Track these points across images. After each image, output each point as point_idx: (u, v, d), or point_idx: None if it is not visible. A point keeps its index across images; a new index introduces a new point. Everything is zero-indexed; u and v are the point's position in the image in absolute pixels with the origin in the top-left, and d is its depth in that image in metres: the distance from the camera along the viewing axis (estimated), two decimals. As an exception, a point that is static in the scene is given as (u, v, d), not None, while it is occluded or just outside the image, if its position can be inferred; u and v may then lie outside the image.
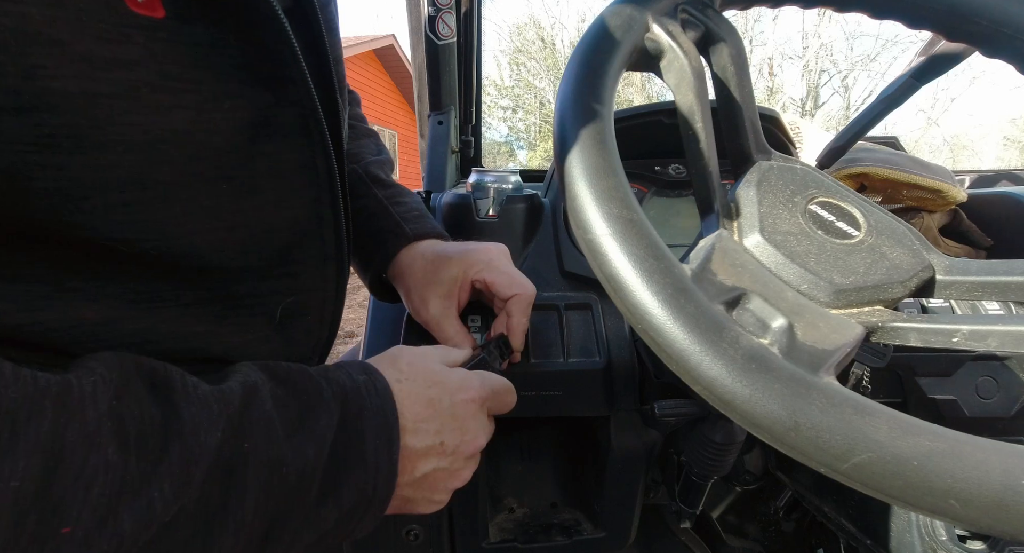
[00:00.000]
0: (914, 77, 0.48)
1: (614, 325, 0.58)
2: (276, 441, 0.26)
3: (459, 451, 0.35)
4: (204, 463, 0.24)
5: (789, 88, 12.89)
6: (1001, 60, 0.38)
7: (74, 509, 0.20)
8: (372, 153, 0.56)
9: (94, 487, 0.20)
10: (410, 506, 0.34)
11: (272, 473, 0.26)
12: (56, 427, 0.20)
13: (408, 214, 0.51)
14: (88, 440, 0.21)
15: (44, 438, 0.20)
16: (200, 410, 0.25)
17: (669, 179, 0.74)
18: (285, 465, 0.26)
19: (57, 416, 0.20)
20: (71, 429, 0.20)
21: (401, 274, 0.49)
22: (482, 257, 0.46)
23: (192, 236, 0.30)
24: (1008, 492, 0.19)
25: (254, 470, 0.25)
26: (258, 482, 0.25)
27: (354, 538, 0.31)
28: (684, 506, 0.59)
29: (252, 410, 0.27)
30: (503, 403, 0.39)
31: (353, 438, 0.29)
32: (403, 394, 0.33)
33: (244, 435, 0.25)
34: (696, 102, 0.34)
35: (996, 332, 0.26)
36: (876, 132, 0.67)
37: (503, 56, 14.24)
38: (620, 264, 0.26)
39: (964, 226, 0.69)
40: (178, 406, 0.24)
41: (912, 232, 0.33)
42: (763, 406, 0.22)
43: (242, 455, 0.25)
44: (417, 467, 0.33)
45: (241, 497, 0.25)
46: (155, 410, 0.24)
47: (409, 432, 0.32)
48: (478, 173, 0.65)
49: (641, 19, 0.33)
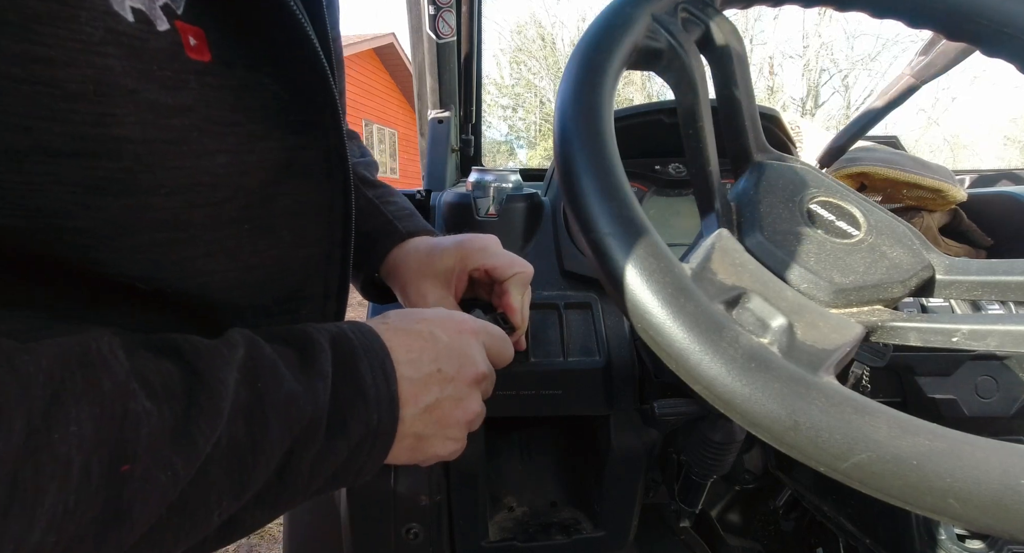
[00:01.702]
0: (914, 76, 0.48)
1: (614, 324, 0.58)
2: (285, 379, 0.27)
3: (460, 377, 0.35)
4: (227, 403, 0.25)
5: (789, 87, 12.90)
6: (1002, 59, 0.38)
7: (129, 448, 0.21)
8: (357, 155, 0.56)
9: (141, 428, 0.21)
10: (427, 445, 0.34)
11: (287, 408, 0.27)
12: (90, 380, 0.21)
13: (399, 212, 0.51)
14: (122, 389, 0.22)
15: (83, 390, 0.21)
16: (210, 358, 0.26)
17: (669, 178, 0.74)
18: (297, 400, 0.27)
19: (87, 372, 0.21)
20: (105, 381, 0.21)
21: (395, 270, 0.48)
22: (477, 245, 0.46)
23: (209, 276, 0.30)
24: (1007, 491, 0.19)
25: (271, 407, 0.26)
26: (276, 418, 0.26)
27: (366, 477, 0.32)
28: (684, 505, 0.59)
29: (256, 355, 0.27)
30: (500, 350, 0.39)
31: (351, 374, 0.30)
32: (389, 332, 0.33)
33: (255, 376, 0.26)
34: (696, 101, 0.33)
35: (996, 332, 0.26)
36: (876, 131, 0.67)
37: (503, 55, 14.24)
38: (620, 263, 0.26)
39: (964, 226, 0.69)
40: (188, 358, 0.25)
41: (912, 231, 0.33)
42: (763, 405, 0.22)
43: (258, 394, 0.26)
44: (419, 397, 0.33)
45: (264, 433, 0.26)
46: (168, 365, 0.24)
47: (403, 363, 0.32)
48: (478, 172, 0.65)
49: (641, 18, 0.33)
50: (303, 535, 0.67)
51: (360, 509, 0.55)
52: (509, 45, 14.01)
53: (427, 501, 0.56)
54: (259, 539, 1.64)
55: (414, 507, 0.56)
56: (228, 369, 0.25)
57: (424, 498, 0.55)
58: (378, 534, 0.57)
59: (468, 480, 0.56)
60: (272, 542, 1.63)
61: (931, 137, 11.23)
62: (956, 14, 0.37)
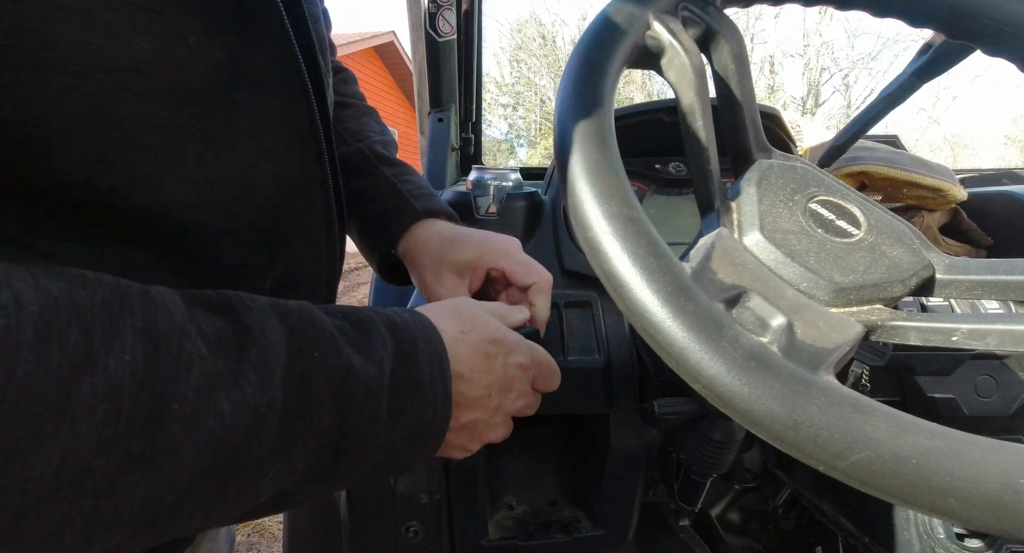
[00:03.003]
0: (915, 75, 0.48)
1: (614, 323, 0.58)
2: (344, 354, 0.27)
3: (501, 408, 0.36)
4: (279, 366, 0.25)
5: (790, 86, 12.89)
6: (1002, 59, 0.38)
7: (179, 386, 0.21)
8: (376, 132, 0.55)
9: (193, 369, 0.22)
10: (445, 449, 0.35)
11: (343, 384, 0.27)
12: (147, 316, 0.21)
13: (417, 191, 0.50)
14: (178, 329, 0.22)
15: (139, 325, 0.21)
16: (263, 319, 0.26)
17: (669, 177, 0.74)
18: (354, 378, 0.27)
19: (145, 308, 0.22)
20: (160, 319, 0.22)
21: (415, 250, 0.48)
22: (500, 246, 0.46)
23: (170, 191, 0.28)
24: (1006, 491, 0.19)
25: (327, 380, 0.26)
26: (331, 392, 0.26)
27: (408, 471, 0.32)
28: (683, 504, 0.59)
29: (314, 325, 0.27)
30: (548, 380, 0.40)
31: (410, 365, 0.30)
32: (465, 344, 0.33)
33: (312, 345, 0.26)
34: (697, 100, 0.33)
35: (995, 331, 0.26)
36: (877, 130, 0.67)
37: (503, 53, 14.23)
38: (620, 262, 0.26)
39: (964, 225, 0.69)
40: (241, 317, 0.25)
41: (912, 231, 0.33)
42: (762, 404, 0.22)
43: (314, 363, 0.26)
44: (464, 415, 0.33)
45: (317, 403, 0.26)
46: (221, 321, 0.25)
47: (464, 380, 0.33)
48: (478, 171, 0.65)
49: (642, 17, 0.33)
50: (303, 533, 0.67)
51: (360, 507, 0.56)
52: (509, 43, 14.01)
53: (427, 499, 0.56)
54: (259, 537, 1.64)
55: (414, 505, 0.56)
56: (279, 334, 0.25)
57: (424, 496, 0.55)
58: (378, 532, 0.57)
59: (468, 479, 0.56)
60: (272, 540, 1.63)
61: (932, 136, 11.23)
62: (956, 13, 0.37)
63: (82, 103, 0.25)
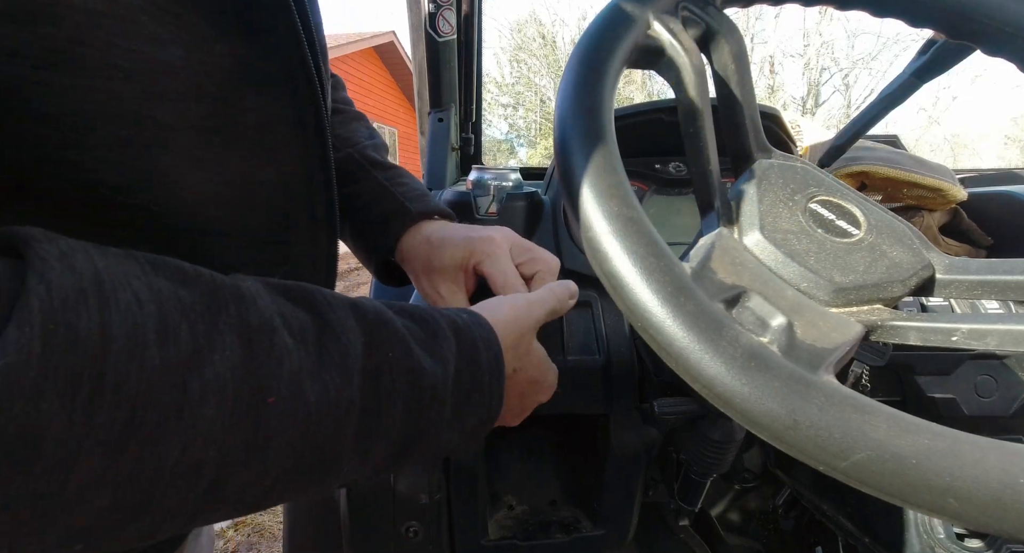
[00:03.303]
0: (915, 75, 0.48)
1: (614, 323, 0.58)
2: (414, 356, 0.28)
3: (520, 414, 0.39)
4: (357, 364, 0.26)
5: (790, 86, 12.88)
6: (1002, 58, 0.38)
7: (273, 381, 0.22)
8: (366, 137, 0.55)
9: (284, 363, 0.23)
10: None
11: (414, 385, 0.27)
12: (240, 312, 0.23)
13: (410, 194, 0.50)
14: (268, 325, 0.23)
15: (234, 321, 0.22)
16: (343, 315, 0.26)
17: (669, 177, 0.74)
18: (424, 379, 0.28)
19: (238, 304, 0.23)
20: (252, 315, 0.23)
21: (407, 257, 0.48)
22: (484, 248, 0.45)
23: (188, 190, 0.29)
24: (1007, 491, 0.19)
25: (399, 380, 0.27)
26: (403, 392, 0.27)
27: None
28: (683, 504, 0.59)
29: (388, 325, 0.28)
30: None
31: (472, 365, 0.31)
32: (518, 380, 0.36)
33: (386, 345, 0.27)
34: (697, 100, 0.33)
35: (995, 331, 0.26)
36: (877, 130, 0.67)
37: (504, 53, 14.22)
38: (620, 262, 0.26)
39: (964, 225, 0.69)
40: (322, 311, 0.26)
41: (912, 231, 0.33)
42: (762, 404, 0.22)
43: (387, 363, 0.27)
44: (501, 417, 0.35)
45: (391, 403, 0.27)
46: (303, 313, 0.25)
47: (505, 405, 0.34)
48: (478, 170, 0.65)
49: (642, 17, 0.33)
50: (303, 533, 0.67)
51: (360, 507, 0.56)
52: (509, 43, 14.00)
53: (427, 499, 0.56)
54: (259, 537, 1.64)
55: (414, 505, 0.56)
56: (355, 332, 0.26)
57: (424, 496, 0.55)
58: (378, 532, 0.57)
59: (468, 478, 0.56)
60: (272, 540, 1.63)
61: (932, 136, 11.23)
62: (956, 13, 0.37)
63: (122, 106, 0.26)
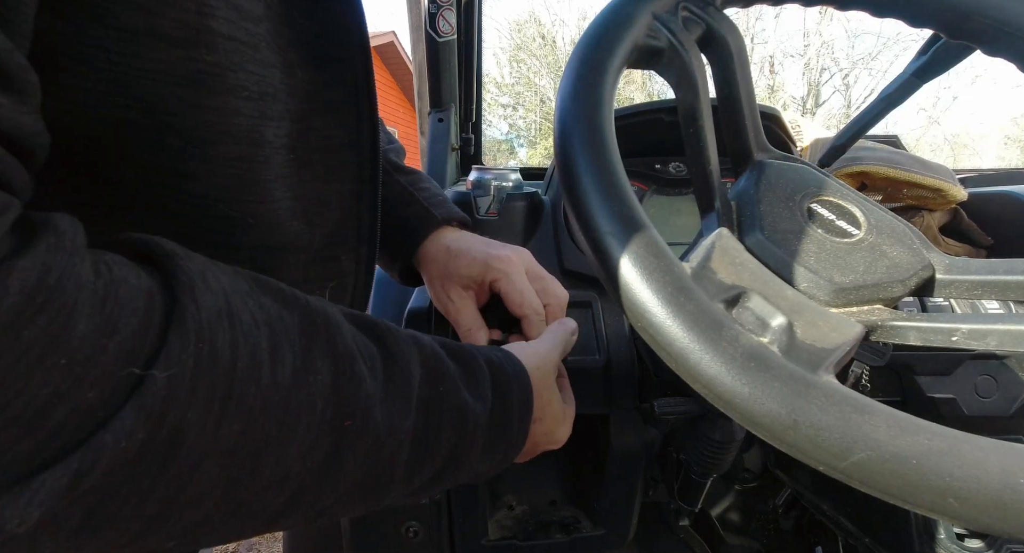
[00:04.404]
0: (915, 75, 0.48)
1: (614, 323, 0.58)
2: (459, 390, 0.29)
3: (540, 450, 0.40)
4: (414, 395, 0.27)
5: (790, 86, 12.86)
6: (1002, 59, 0.38)
7: (351, 405, 0.24)
8: (386, 141, 0.56)
9: (360, 389, 0.24)
10: None
11: (458, 418, 0.29)
12: (329, 337, 0.24)
13: (433, 199, 0.51)
14: (350, 352, 0.25)
15: (325, 347, 0.24)
16: (405, 347, 0.28)
17: (669, 177, 0.74)
18: (468, 414, 0.29)
19: (327, 331, 0.24)
20: (339, 342, 0.24)
21: (426, 261, 0.49)
22: (502, 267, 0.45)
23: (277, 205, 0.31)
24: (1007, 491, 0.19)
25: (447, 412, 0.28)
26: (450, 423, 0.28)
27: None
28: (683, 504, 0.59)
29: (440, 358, 0.29)
30: None
31: (505, 403, 0.32)
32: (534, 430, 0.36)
33: (438, 379, 0.28)
34: (697, 100, 0.33)
35: (996, 331, 0.26)
36: (877, 130, 0.67)
37: (503, 53, 14.22)
38: (620, 262, 0.26)
39: (964, 225, 0.69)
40: (386, 342, 0.28)
41: (912, 231, 0.33)
42: (762, 404, 0.22)
43: (438, 396, 0.28)
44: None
45: (437, 433, 0.28)
46: (371, 343, 0.27)
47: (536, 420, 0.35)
48: (478, 171, 0.65)
49: (642, 17, 0.33)
50: (303, 533, 0.67)
51: (360, 507, 0.56)
52: (509, 43, 14.00)
53: (427, 499, 0.56)
54: (259, 537, 1.64)
55: (414, 505, 0.56)
56: (415, 364, 0.28)
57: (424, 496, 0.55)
58: (378, 532, 0.57)
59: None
60: (272, 540, 1.63)
61: (932, 136, 11.23)
62: (956, 13, 0.37)
63: (243, 123, 0.28)
